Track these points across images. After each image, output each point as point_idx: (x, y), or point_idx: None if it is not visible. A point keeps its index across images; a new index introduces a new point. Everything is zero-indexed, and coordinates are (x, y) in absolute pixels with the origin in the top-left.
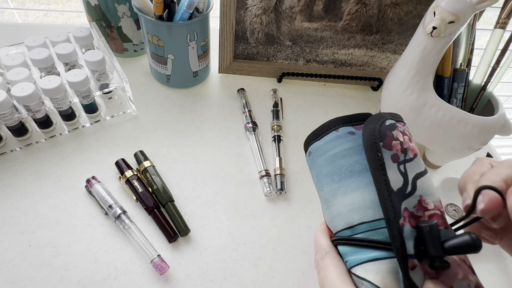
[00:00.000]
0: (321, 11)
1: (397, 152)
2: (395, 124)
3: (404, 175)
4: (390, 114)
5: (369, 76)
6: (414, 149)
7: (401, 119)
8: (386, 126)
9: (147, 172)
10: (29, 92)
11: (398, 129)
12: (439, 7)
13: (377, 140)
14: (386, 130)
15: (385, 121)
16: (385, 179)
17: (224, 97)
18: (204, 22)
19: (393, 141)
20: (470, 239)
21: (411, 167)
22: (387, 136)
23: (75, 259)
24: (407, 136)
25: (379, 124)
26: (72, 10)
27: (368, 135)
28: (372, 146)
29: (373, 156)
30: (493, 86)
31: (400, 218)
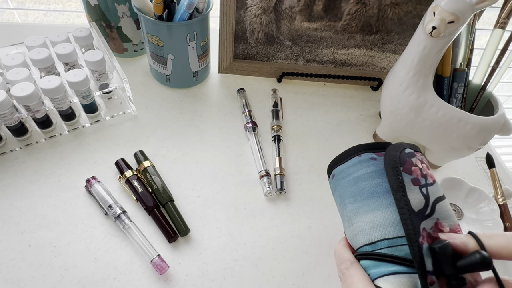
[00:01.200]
0: (321, 11)
1: (417, 176)
2: (413, 152)
3: (426, 197)
4: (409, 144)
5: (369, 76)
6: (433, 176)
7: (419, 150)
8: (406, 153)
9: (147, 172)
10: (29, 92)
11: (416, 157)
12: (439, 7)
13: (397, 165)
14: (406, 157)
15: (405, 149)
16: (406, 199)
17: (224, 97)
18: (204, 22)
19: (413, 167)
20: (479, 258)
21: (432, 191)
22: (406, 162)
23: (75, 259)
24: (425, 164)
25: (399, 151)
26: (72, 10)
27: (389, 160)
28: (393, 170)
29: (394, 178)
30: (493, 86)
31: (420, 237)
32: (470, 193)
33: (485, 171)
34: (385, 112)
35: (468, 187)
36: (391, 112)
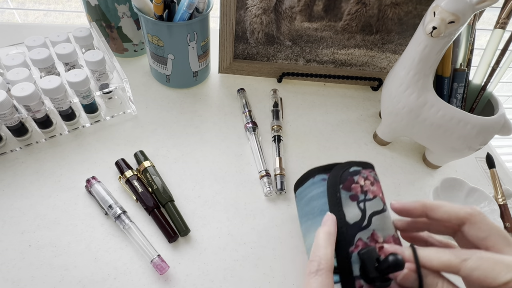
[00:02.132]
0: (321, 11)
1: (357, 193)
2: (359, 170)
3: (363, 211)
4: (360, 163)
5: (369, 76)
6: (374, 192)
7: (370, 167)
8: (349, 172)
9: (147, 172)
10: (29, 92)
11: (361, 175)
12: (439, 7)
13: (337, 183)
14: (347, 176)
15: (350, 168)
16: (341, 214)
17: (224, 97)
18: (204, 22)
19: (353, 184)
20: (392, 259)
21: (371, 205)
22: (347, 180)
23: (75, 259)
24: (370, 181)
25: (342, 171)
26: (72, 10)
27: (331, 179)
28: (333, 187)
29: (333, 196)
30: (493, 86)
31: (351, 246)
32: (470, 193)
33: (485, 171)
34: (385, 112)
35: (468, 187)
36: (391, 112)
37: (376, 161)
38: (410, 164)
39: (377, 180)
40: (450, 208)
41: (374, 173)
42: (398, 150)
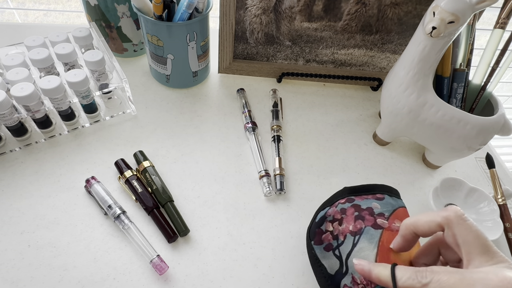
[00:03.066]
0: (321, 11)
1: (329, 241)
2: (324, 215)
3: (339, 258)
4: (326, 202)
5: (369, 76)
6: (343, 231)
7: (336, 199)
8: (316, 223)
9: (146, 172)
10: (29, 92)
11: (327, 219)
12: (439, 7)
13: (309, 241)
14: (315, 228)
15: (316, 217)
16: (322, 269)
17: (224, 97)
18: (203, 22)
19: (323, 235)
20: None
21: (343, 249)
22: (316, 234)
23: (74, 259)
24: (337, 220)
25: (311, 224)
26: (71, 10)
27: (307, 236)
28: (308, 246)
29: (310, 254)
30: (493, 86)
31: None
32: (470, 194)
33: (485, 171)
34: (385, 112)
35: (468, 188)
36: (391, 112)
37: (376, 161)
38: (410, 164)
39: (347, 207)
40: (428, 217)
41: (346, 200)
42: (398, 150)
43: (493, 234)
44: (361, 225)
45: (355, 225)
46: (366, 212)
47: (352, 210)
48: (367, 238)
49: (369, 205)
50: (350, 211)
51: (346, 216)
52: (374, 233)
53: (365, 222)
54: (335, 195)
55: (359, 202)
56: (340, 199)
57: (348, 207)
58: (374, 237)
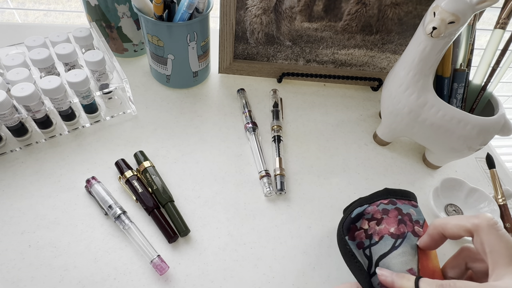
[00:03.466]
0: (321, 11)
1: (361, 239)
2: (362, 213)
3: (369, 258)
4: (365, 199)
5: (369, 76)
6: (380, 232)
7: (377, 198)
8: (352, 218)
9: (147, 172)
10: (29, 92)
11: (364, 217)
12: (439, 7)
13: (343, 236)
14: (349, 224)
15: (352, 213)
16: (359, 265)
17: (224, 97)
18: (204, 22)
19: (357, 232)
20: None
21: (376, 250)
22: (350, 229)
23: (75, 259)
24: (376, 219)
25: (344, 219)
26: (72, 10)
27: (338, 231)
28: (341, 241)
29: (344, 249)
30: (493, 86)
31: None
32: (470, 194)
33: (485, 171)
34: (385, 112)
35: (468, 188)
36: (391, 112)
37: (376, 161)
38: (410, 164)
39: (390, 208)
40: (458, 220)
41: (389, 201)
42: (398, 150)
43: None
44: (404, 229)
45: (398, 228)
46: (407, 218)
47: (396, 213)
48: (409, 243)
49: (408, 211)
50: (393, 213)
51: (388, 217)
52: (414, 240)
53: (407, 227)
54: (376, 194)
55: (401, 206)
56: (382, 199)
57: (391, 208)
58: (414, 243)
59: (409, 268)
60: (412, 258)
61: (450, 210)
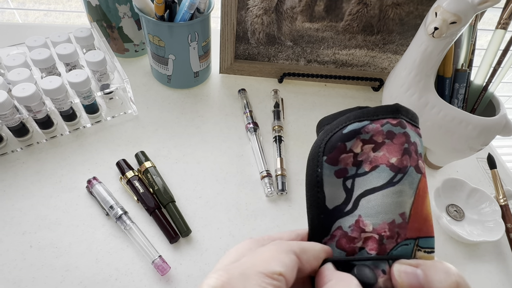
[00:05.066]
0: (322, 11)
1: (346, 166)
2: (359, 129)
3: (348, 191)
4: (366, 113)
5: (370, 76)
6: (375, 160)
7: (384, 115)
8: (343, 135)
9: (148, 172)
10: (30, 93)
11: (360, 137)
12: (441, 7)
13: (320, 154)
14: (337, 142)
15: (346, 127)
16: (318, 196)
17: (225, 97)
18: (205, 22)
19: (343, 154)
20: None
21: (361, 182)
22: (336, 148)
23: (76, 259)
24: (375, 142)
25: (332, 134)
26: (72, 10)
27: (313, 147)
28: (313, 161)
29: (311, 171)
30: (495, 87)
31: (326, 237)
32: (472, 194)
33: (486, 171)
34: None
35: (469, 188)
36: None
37: None
38: None
39: (397, 132)
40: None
41: (398, 122)
42: None
43: (494, 235)
44: (407, 162)
45: (401, 159)
46: (413, 148)
47: (403, 140)
48: (409, 181)
49: (415, 140)
50: (399, 140)
51: (391, 143)
52: (415, 177)
53: (411, 161)
54: (383, 108)
55: (410, 131)
56: (390, 117)
57: (398, 132)
58: (414, 181)
59: (401, 212)
60: (408, 200)
61: (452, 211)
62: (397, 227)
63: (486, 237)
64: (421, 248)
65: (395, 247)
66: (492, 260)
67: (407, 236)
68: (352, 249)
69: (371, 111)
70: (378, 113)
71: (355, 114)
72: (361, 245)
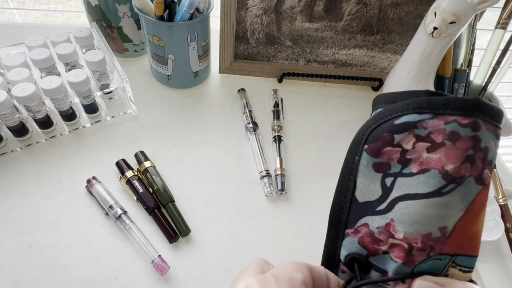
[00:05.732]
0: (322, 11)
1: (390, 161)
2: (414, 122)
3: (386, 189)
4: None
5: (370, 76)
6: (427, 163)
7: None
8: (393, 125)
9: (147, 172)
10: (30, 92)
11: (414, 131)
12: (440, 7)
13: (362, 142)
14: (384, 132)
15: (400, 117)
16: (349, 184)
17: (225, 97)
18: (204, 22)
19: (388, 147)
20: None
21: (404, 184)
22: (380, 139)
23: (75, 259)
24: (433, 142)
25: (382, 121)
26: (72, 10)
27: (358, 132)
28: (354, 146)
29: (349, 158)
30: (494, 87)
31: (349, 228)
32: None
33: None
34: None
35: None
36: None
37: None
38: None
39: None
40: None
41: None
42: None
43: (494, 235)
44: (466, 171)
45: (459, 168)
46: (480, 155)
47: (469, 145)
48: (462, 192)
49: (487, 144)
50: (464, 144)
51: (453, 147)
52: (472, 190)
53: (471, 170)
54: (453, 101)
55: (482, 135)
56: (459, 114)
57: (465, 135)
58: (470, 194)
59: (442, 226)
60: (455, 214)
61: None
62: (433, 241)
63: (485, 237)
64: (457, 265)
65: (425, 260)
66: (492, 260)
67: (443, 251)
68: (375, 250)
69: (439, 102)
70: (447, 106)
71: (416, 102)
72: (386, 249)
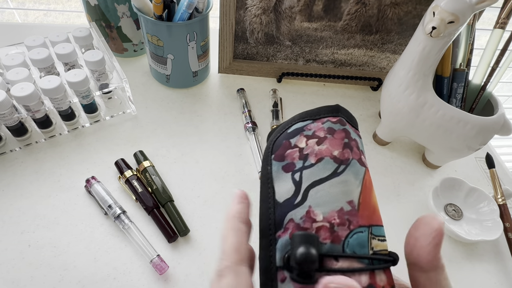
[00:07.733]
0: (321, 11)
1: (293, 160)
2: (302, 128)
3: (297, 183)
4: (309, 113)
5: (369, 76)
6: (320, 153)
7: (324, 114)
8: (287, 133)
9: (146, 172)
10: (29, 92)
11: (303, 133)
12: (439, 7)
13: (269, 154)
14: (282, 140)
15: (290, 127)
16: (269, 191)
17: (224, 97)
18: (203, 22)
19: (288, 150)
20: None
21: (309, 174)
22: (281, 146)
23: (74, 259)
24: (317, 138)
25: (279, 134)
26: (72, 10)
27: (264, 150)
28: (264, 161)
29: (263, 171)
30: (493, 86)
31: (279, 231)
32: (470, 193)
33: (485, 171)
34: (385, 112)
35: (468, 187)
36: (391, 112)
37: (376, 161)
38: (410, 164)
39: (337, 128)
40: None
41: (338, 120)
42: (398, 150)
43: (492, 234)
44: (349, 155)
45: (342, 152)
46: (354, 144)
47: (343, 135)
48: (353, 171)
49: (355, 138)
50: (340, 135)
51: (333, 138)
52: (359, 170)
53: (353, 154)
54: (323, 109)
55: (350, 129)
56: (331, 116)
57: (338, 129)
58: (359, 173)
59: (349, 200)
60: (355, 189)
61: (450, 210)
62: (347, 214)
63: (484, 237)
64: (375, 236)
65: (349, 235)
66: (490, 259)
67: (360, 223)
68: None
69: (313, 112)
70: (320, 113)
71: (299, 115)
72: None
